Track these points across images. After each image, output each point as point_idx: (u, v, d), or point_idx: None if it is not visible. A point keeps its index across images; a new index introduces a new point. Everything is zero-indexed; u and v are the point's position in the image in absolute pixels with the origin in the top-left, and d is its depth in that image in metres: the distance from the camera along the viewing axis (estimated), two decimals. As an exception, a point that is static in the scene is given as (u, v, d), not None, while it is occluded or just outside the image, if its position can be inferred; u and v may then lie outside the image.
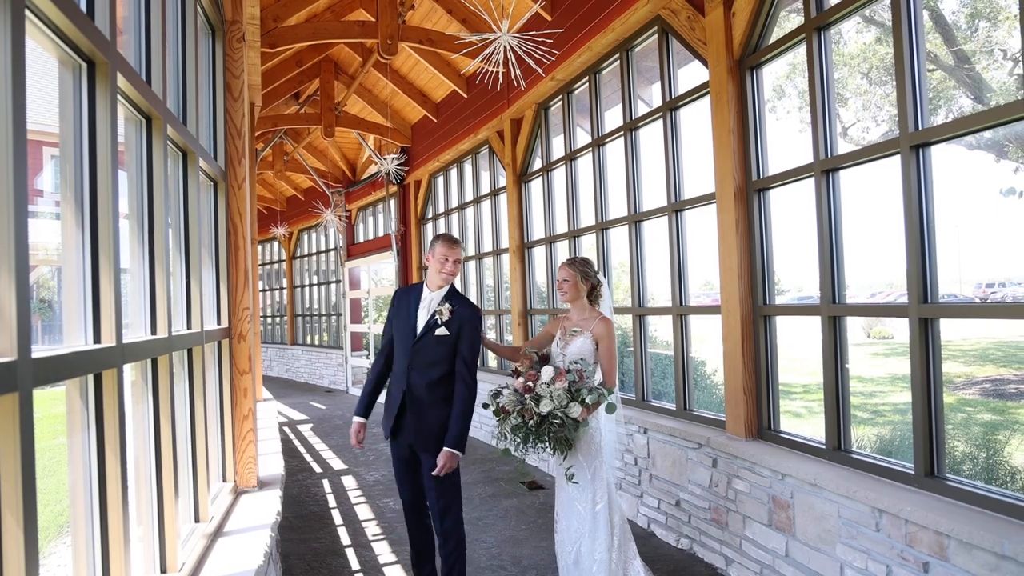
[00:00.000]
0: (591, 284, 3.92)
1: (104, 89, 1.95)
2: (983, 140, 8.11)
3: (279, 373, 18.61)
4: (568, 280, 3.89)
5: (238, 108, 3.93)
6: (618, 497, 3.80)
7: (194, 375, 3.10)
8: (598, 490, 3.69)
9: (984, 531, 2.71)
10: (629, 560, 3.75)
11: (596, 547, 3.66)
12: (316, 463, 8.19)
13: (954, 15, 8.12)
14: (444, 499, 3.71)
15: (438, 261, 3.83)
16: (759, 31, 4.39)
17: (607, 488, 3.72)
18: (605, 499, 3.71)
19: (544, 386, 3.53)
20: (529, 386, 3.54)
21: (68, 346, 1.83)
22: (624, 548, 3.76)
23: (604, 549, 3.66)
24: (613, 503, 3.74)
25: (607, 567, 3.64)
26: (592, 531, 3.69)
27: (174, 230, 2.94)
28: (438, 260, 3.83)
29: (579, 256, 4.20)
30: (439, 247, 3.85)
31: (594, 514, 3.69)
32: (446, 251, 3.82)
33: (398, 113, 11.32)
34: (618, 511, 3.76)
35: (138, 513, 2.34)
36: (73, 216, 1.87)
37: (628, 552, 3.77)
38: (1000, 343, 12.67)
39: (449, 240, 3.86)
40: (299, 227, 17.32)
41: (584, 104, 6.82)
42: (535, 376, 3.57)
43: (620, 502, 3.83)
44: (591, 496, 3.70)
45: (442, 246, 3.84)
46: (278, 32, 7.27)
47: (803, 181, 4.11)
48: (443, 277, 3.84)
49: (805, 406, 11.55)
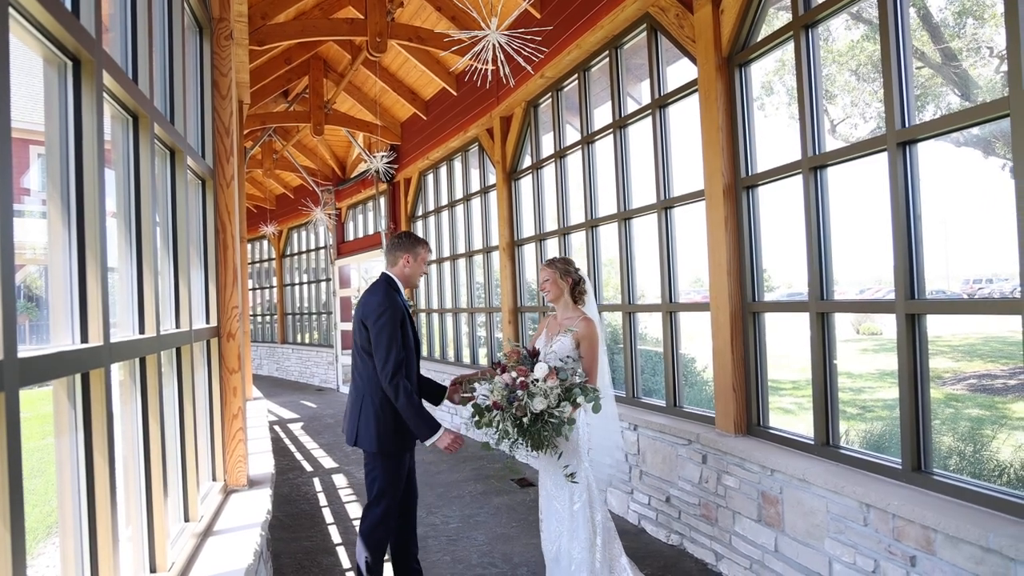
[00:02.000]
0: (572, 280, 3.93)
1: (90, 87, 1.93)
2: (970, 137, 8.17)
3: (269, 372, 18.55)
4: (548, 279, 3.93)
5: (226, 106, 3.91)
6: (600, 496, 3.78)
7: (183, 374, 3.09)
8: (575, 489, 3.70)
9: (970, 525, 2.73)
10: (615, 558, 3.74)
11: (575, 546, 3.67)
12: (307, 462, 8.17)
13: (941, 13, 8.18)
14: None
15: (422, 263, 3.89)
16: (747, 28, 4.40)
17: (586, 487, 3.71)
18: (584, 498, 3.69)
19: (537, 383, 3.51)
20: (523, 381, 3.52)
21: (55, 346, 1.82)
22: (609, 547, 3.74)
23: (583, 548, 3.64)
24: (595, 502, 3.72)
25: (588, 566, 3.63)
26: (571, 530, 3.69)
27: (162, 229, 2.93)
28: (422, 262, 3.89)
29: (561, 256, 4.21)
30: (424, 251, 3.90)
31: (572, 513, 3.70)
32: (428, 254, 3.94)
33: (387, 111, 11.29)
34: (600, 510, 3.74)
35: (127, 513, 2.33)
36: (59, 215, 1.86)
37: (613, 551, 3.76)
38: (988, 338, 12.78)
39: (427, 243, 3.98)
40: (289, 225, 17.25)
41: (573, 102, 6.82)
42: (525, 372, 3.55)
43: (602, 501, 3.81)
44: (568, 495, 3.71)
45: (426, 250, 3.93)
46: (266, 30, 7.24)
47: (791, 178, 4.13)
48: (418, 280, 3.94)
49: (795, 402, 11.61)
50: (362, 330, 3.70)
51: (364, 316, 3.69)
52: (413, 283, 3.90)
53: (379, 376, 3.61)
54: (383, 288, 3.75)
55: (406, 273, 3.86)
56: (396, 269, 3.86)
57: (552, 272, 3.92)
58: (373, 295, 3.72)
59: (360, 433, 3.72)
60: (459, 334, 10.13)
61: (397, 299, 3.73)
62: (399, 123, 11.46)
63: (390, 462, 3.75)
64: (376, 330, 3.61)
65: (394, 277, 3.85)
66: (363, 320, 3.70)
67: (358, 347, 3.76)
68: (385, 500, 3.74)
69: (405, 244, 3.88)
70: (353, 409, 3.78)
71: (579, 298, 3.95)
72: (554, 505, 3.75)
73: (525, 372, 3.54)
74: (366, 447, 3.71)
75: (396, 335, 3.62)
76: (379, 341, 3.60)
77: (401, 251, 3.86)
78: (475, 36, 5.32)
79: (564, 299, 3.92)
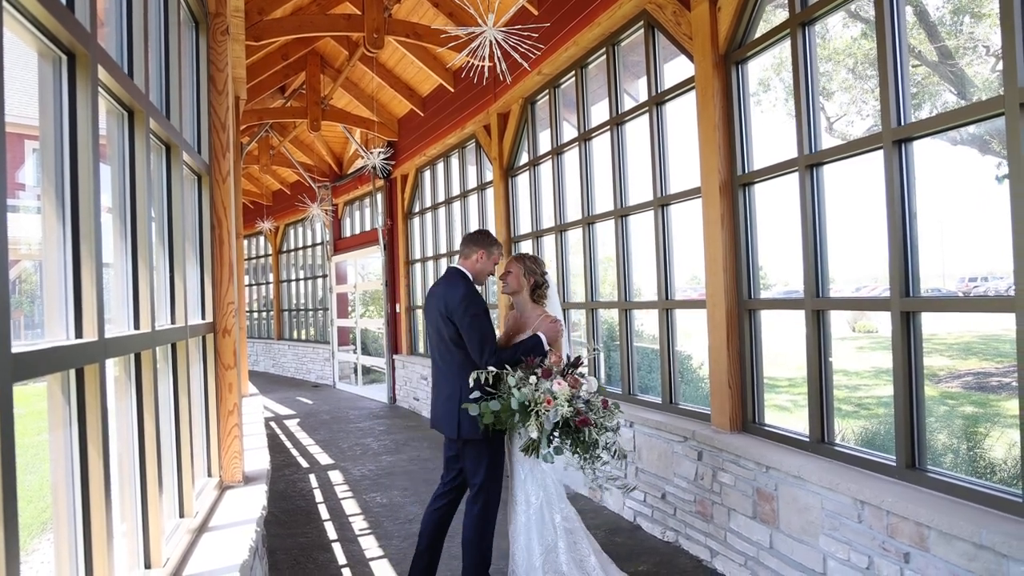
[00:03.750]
0: (534, 281, 4.00)
1: (85, 82, 1.93)
2: (967, 135, 8.18)
3: (266, 368, 18.53)
4: (513, 272, 4.01)
5: (222, 102, 3.90)
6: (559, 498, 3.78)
7: (178, 370, 3.08)
8: (531, 490, 3.73)
9: (963, 521, 2.75)
10: (584, 558, 3.73)
11: (532, 546, 3.70)
12: (303, 458, 8.17)
13: (938, 11, 8.18)
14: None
15: (493, 263, 3.98)
16: (744, 26, 4.40)
17: (542, 488, 3.72)
18: (540, 498, 3.71)
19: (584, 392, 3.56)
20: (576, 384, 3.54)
21: (49, 341, 1.81)
22: (574, 549, 3.73)
23: (540, 552, 3.67)
24: (553, 504, 3.73)
25: (542, 567, 3.64)
26: (527, 529, 3.73)
27: (157, 224, 2.92)
28: (493, 263, 3.98)
29: (530, 254, 4.26)
30: (498, 253, 4.00)
31: (528, 514, 3.72)
32: (500, 258, 4.04)
33: (384, 107, 11.27)
34: (560, 512, 3.74)
35: (122, 509, 2.32)
36: (54, 210, 1.85)
37: (581, 550, 3.75)
38: (983, 336, 12.82)
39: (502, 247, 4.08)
40: (285, 221, 17.22)
41: (571, 98, 6.81)
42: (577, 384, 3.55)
43: (563, 504, 3.80)
44: (524, 496, 3.75)
45: (500, 253, 4.02)
46: (263, 25, 7.21)
47: (788, 176, 4.13)
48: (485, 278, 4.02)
49: (791, 400, 11.63)
50: (448, 324, 3.76)
51: (449, 311, 3.74)
52: (481, 280, 3.96)
53: (480, 365, 3.67)
54: (462, 281, 3.84)
55: (477, 268, 3.92)
56: (469, 263, 3.93)
57: (518, 267, 4.00)
58: (455, 288, 3.79)
59: (463, 423, 3.73)
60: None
61: (476, 289, 3.85)
62: (396, 119, 11.44)
63: (494, 447, 3.81)
64: (468, 321, 3.69)
65: (465, 271, 3.91)
66: (448, 315, 3.75)
67: (444, 340, 3.81)
68: (485, 493, 3.80)
69: (482, 241, 3.94)
70: (449, 402, 3.80)
71: (538, 300, 4.02)
72: (517, 501, 3.80)
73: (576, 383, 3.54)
74: (473, 435, 3.73)
75: (487, 322, 3.74)
76: (472, 331, 3.68)
77: (477, 246, 3.93)
78: (472, 32, 5.32)
79: (523, 295, 4.01)
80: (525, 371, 3.59)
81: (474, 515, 3.81)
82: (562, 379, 3.51)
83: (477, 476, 3.80)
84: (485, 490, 3.79)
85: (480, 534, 3.81)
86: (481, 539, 3.82)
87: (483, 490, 3.80)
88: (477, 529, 3.80)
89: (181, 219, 3.17)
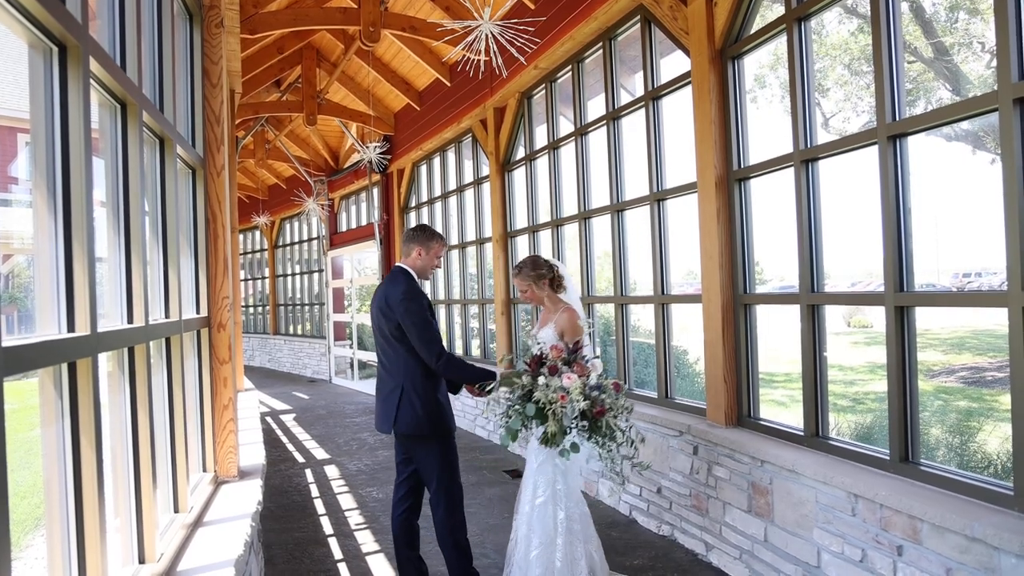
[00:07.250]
0: (547, 279, 4.05)
1: (76, 74, 1.91)
2: (961, 131, 8.19)
3: (262, 363, 18.50)
4: (525, 290, 4.07)
5: (217, 95, 3.88)
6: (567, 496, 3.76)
7: (172, 364, 3.08)
8: (540, 484, 3.72)
9: (955, 515, 2.76)
10: (575, 561, 3.71)
11: (531, 537, 3.70)
12: (299, 453, 8.17)
13: (934, 7, 8.19)
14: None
15: (434, 257, 3.93)
16: (741, 21, 4.40)
17: (551, 484, 3.72)
18: (547, 494, 3.71)
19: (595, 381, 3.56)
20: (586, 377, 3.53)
21: (41, 335, 1.81)
22: (570, 549, 3.71)
23: (537, 544, 3.66)
24: (558, 501, 3.72)
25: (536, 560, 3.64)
26: (528, 520, 3.73)
27: (151, 218, 2.91)
28: (434, 256, 3.93)
29: (525, 259, 4.22)
30: (438, 245, 3.93)
31: (532, 507, 3.72)
32: (441, 248, 3.97)
33: (381, 101, 11.24)
34: (564, 510, 3.73)
35: (115, 504, 2.32)
36: (45, 203, 1.84)
37: (575, 553, 3.72)
38: (977, 331, 12.87)
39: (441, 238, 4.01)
40: (281, 216, 17.18)
41: (567, 93, 6.80)
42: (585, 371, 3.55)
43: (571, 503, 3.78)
44: (532, 487, 3.75)
45: (440, 244, 3.95)
46: (258, 18, 7.18)
47: (783, 171, 4.13)
48: (430, 273, 3.99)
49: (787, 395, 11.68)
50: (388, 320, 3.75)
51: (389, 307, 3.73)
52: (425, 276, 3.95)
53: (426, 360, 3.67)
54: (403, 277, 3.82)
55: (419, 265, 3.90)
56: (409, 260, 3.91)
57: (526, 283, 4.04)
58: (396, 285, 3.77)
59: (400, 418, 3.72)
60: (451, 325, 10.12)
61: (418, 286, 3.83)
62: (392, 113, 11.41)
63: (445, 444, 3.79)
64: (409, 318, 3.67)
65: (408, 268, 3.89)
66: (388, 310, 3.74)
67: (386, 336, 3.79)
68: (445, 493, 3.77)
69: (418, 237, 3.92)
70: (391, 397, 3.78)
71: (558, 289, 4.08)
72: (524, 492, 3.81)
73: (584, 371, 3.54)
74: (412, 431, 3.72)
75: (428, 318, 3.72)
76: (412, 327, 3.67)
77: (415, 244, 3.90)
78: (468, 26, 5.30)
79: (546, 294, 4.06)
80: (532, 373, 3.59)
81: (440, 519, 3.79)
82: (569, 371, 3.51)
83: (432, 479, 3.78)
84: (444, 490, 3.77)
85: (451, 531, 3.79)
86: (454, 535, 3.80)
87: (442, 491, 3.77)
88: (447, 527, 3.79)
89: (175, 213, 3.16)
